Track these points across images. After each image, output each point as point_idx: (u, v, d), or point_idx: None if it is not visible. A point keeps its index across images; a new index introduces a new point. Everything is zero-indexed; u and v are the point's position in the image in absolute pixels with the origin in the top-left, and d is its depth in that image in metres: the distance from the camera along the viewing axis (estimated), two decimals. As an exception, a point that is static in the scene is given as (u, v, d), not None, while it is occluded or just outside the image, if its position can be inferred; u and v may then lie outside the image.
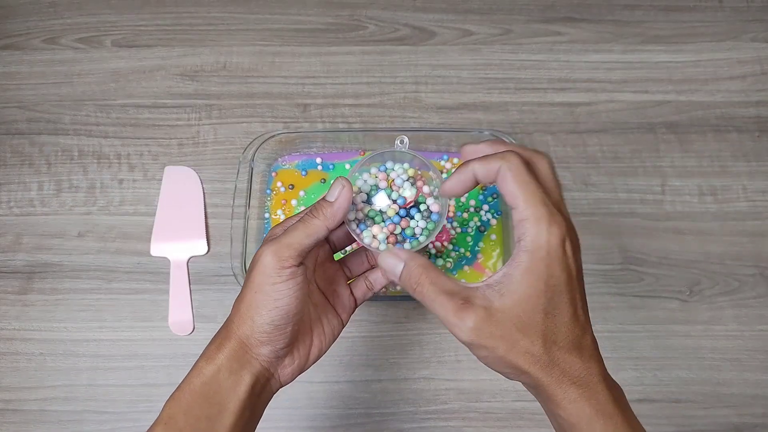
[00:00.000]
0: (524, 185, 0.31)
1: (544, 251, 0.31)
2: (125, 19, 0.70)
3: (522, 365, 0.31)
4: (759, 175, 0.64)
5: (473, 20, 0.70)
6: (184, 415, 0.33)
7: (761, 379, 0.57)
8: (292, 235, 0.35)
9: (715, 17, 0.71)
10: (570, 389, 0.31)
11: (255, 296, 0.34)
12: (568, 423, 0.31)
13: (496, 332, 0.31)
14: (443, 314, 0.32)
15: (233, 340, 0.35)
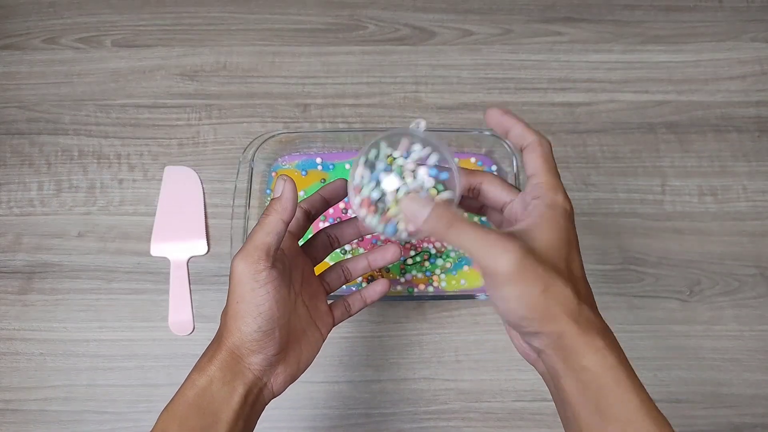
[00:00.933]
0: (549, 162, 0.35)
1: (562, 209, 0.33)
2: (125, 19, 0.70)
3: (555, 309, 0.31)
4: (759, 175, 0.64)
5: (473, 20, 0.70)
6: (179, 427, 0.33)
7: (761, 379, 0.57)
8: (255, 238, 0.36)
9: (715, 17, 0.71)
10: (596, 338, 0.31)
11: (238, 306, 0.35)
12: (592, 373, 0.31)
13: (538, 269, 0.31)
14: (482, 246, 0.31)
15: (224, 352, 0.35)
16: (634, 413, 0.30)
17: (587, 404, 0.31)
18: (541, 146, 0.35)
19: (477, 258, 0.32)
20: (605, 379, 0.31)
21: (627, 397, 0.30)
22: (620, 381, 0.31)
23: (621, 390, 0.31)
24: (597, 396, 0.31)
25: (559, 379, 0.32)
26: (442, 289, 0.59)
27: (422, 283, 0.59)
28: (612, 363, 0.31)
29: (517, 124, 0.36)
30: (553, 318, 0.31)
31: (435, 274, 0.59)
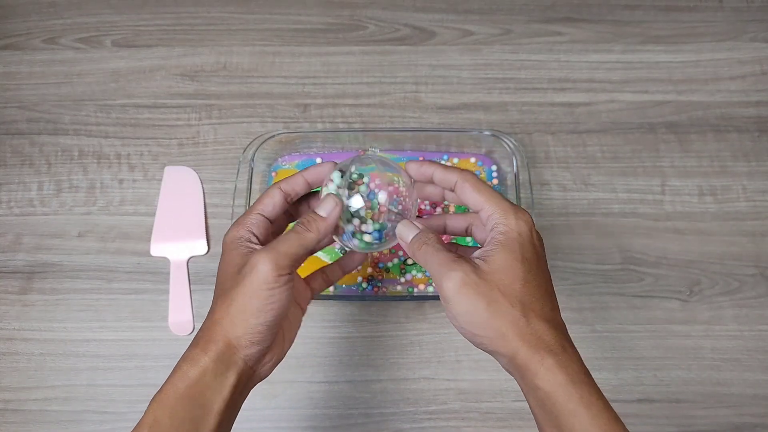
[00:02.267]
0: (483, 190, 0.37)
1: (516, 233, 0.36)
2: (125, 19, 0.70)
3: (501, 327, 0.33)
4: (759, 175, 0.64)
5: (473, 20, 0.70)
6: (169, 418, 0.33)
7: (761, 379, 0.57)
8: (289, 246, 0.37)
9: (715, 17, 0.71)
10: (546, 357, 0.33)
11: (251, 301, 0.35)
12: (544, 392, 0.33)
13: (481, 287, 0.34)
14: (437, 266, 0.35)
15: (221, 342, 0.35)
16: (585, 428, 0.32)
17: (547, 420, 0.34)
18: (467, 181, 0.38)
19: (433, 277, 0.36)
20: (556, 397, 0.32)
21: (578, 411, 0.32)
22: (570, 398, 0.32)
23: (572, 406, 0.32)
24: (552, 413, 0.33)
25: (526, 396, 0.35)
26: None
27: (422, 283, 0.59)
28: (561, 380, 0.32)
29: (437, 169, 0.40)
30: (502, 337, 0.33)
31: (435, 274, 0.59)
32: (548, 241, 0.38)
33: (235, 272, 0.37)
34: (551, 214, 0.62)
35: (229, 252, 0.38)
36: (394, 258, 0.59)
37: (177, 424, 0.33)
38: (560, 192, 0.63)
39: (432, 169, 0.40)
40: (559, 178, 0.64)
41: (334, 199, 0.39)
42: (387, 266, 0.59)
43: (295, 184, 0.42)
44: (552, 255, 0.61)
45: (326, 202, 0.39)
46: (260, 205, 0.41)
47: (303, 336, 0.59)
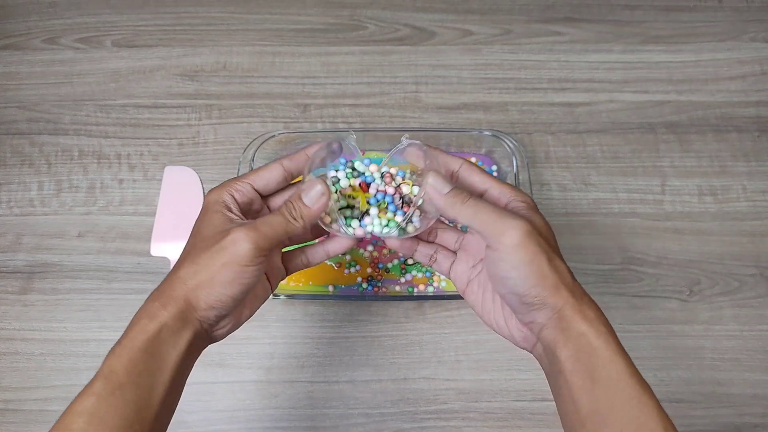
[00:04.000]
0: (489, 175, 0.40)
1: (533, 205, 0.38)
2: (125, 19, 0.70)
3: (556, 279, 0.35)
4: (759, 175, 0.64)
5: (473, 20, 0.70)
6: (126, 369, 0.33)
7: (761, 379, 0.57)
8: (273, 230, 0.36)
9: (715, 17, 0.71)
10: (588, 310, 0.35)
11: (221, 271, 0.35)
12: (587, 340, 0.34)
13: (540, 241, 0.35)
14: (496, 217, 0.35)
15: (180, 301, 0.35)
16: (620, 374, 0.33)
17: (580, 369, 0.34)
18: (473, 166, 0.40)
19: (490, 230, 0.35)
20: (597, 343, 0.34)
21: (615, 359, 0.34)
22: (609, 345, 0.34)
23: (610, 353, 0.34)
24: (589, 359, 0.34)
25: (555, 351, 0.35)
26: (442, 289, 0.59)
27: (422, 283, 0.59)
28: (603, 330, 0.34)
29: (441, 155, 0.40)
30: (557, 289, 0.35)
31: (435, 274, 0.59)
32: (548, 241, 0.37)
33: (211, 236, 0.36)
34: (551, 214, 0.62)
35: (209, 212, 0.38)
36: (394, 258, 0.59)
37: (133, 376, 0.33)
38: (560, 192, 0.63)
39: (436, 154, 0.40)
40: (559, 178, 0.64)
41: (321, 189, 0.38)
42: (387, 266, 0.59)
43: (299, 162, 0.41)
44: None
45: (313, 189, 0.38)
46: (255, 176, 0.40)
47: (303, 336, 0.59)
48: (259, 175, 0.40)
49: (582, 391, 0.34)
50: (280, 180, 0.41)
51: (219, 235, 0.36)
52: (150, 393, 0.34)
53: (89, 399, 0.33)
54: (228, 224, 0.37)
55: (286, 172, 0.41)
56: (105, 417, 0.33)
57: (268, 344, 0.59)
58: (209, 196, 0.39)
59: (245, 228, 0.36)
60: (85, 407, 0.33)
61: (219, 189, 0.39)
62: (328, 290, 0.59)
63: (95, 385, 0.34)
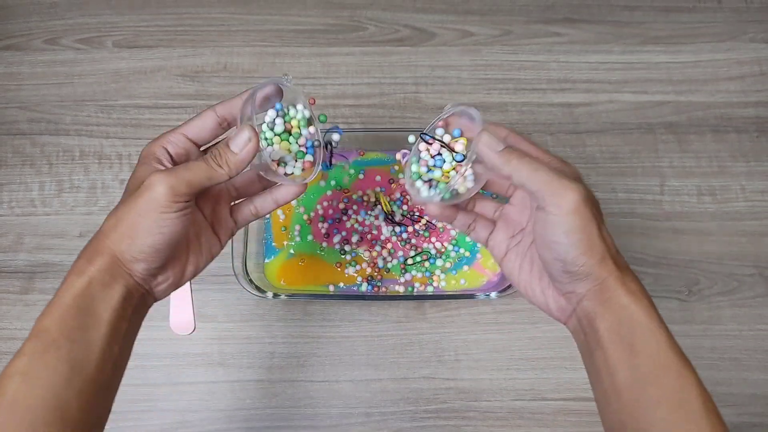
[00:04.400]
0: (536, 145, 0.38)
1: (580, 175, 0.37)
2: (126, 19, 0.71)
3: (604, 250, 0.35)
4: (757, 176, 0.64)
5: (473, 21, 0.71)
6: (58, 326, 0.33)
7: (760, 378, 0.57)
8: (192, 174, 0.35)
9: (714, 18, 0.71)
10: (631, 283, 0.35)
11: (139, 219, 0.34)
12: (629, 312, 0.34)
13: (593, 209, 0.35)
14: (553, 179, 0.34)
15: (106, 255, 0.35)
16: (661, 346, 0.33)
17: (620, 341, 0.34)
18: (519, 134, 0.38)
19: (546, 189, 0.34)
20: (639, 316, 0.34)
21: (656, 331, 0.34)
22: (652, 318, 0.34)
23: (652, 325, 0.34)
24: (630, 331, 0.34)
25: (594, 322, 0.35)
26: (442, 289, 0.59)
27: (422, 283, 0.59)
28: (645, 303, 0.34)
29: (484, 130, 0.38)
30: (603, 260, 0.35)
31: (435, 274, 0.59)
32: (547, 241, 0.37)
33: (133, 189, 0.35)
34: (551, 214, 0.62)
35: (139, 166, 0.37)
36: (395, 258, 0.60)
37: (66, 332, 0.33)
38: (560, 192, 0.63)
39: None
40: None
41: (248, 134, 0.36)
42: (387, 266, 0.59)
43: (233, 109, 0.39)
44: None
45: (240, 136, 0.36)
46: (187, 126, 0.38)
47: (303, 335, 0.59)
48: (191, 124, 0.38)
49: (620, 362, 0.34)
50: (214, 128, 0.39)
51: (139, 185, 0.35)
52: (86, 349, 0.33)
53: (21, 360, 0.33)
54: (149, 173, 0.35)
55: (219, 118, 0.39)
56: (40, 375, 0.32)
57: (269, 344, 0.59)
58: (142, 152, 0.38)
59: (162, 172, 0.34)
60: (18, 368, 0.32)
61: (152, 143, 0.38)
62: (329, 290, 0.59)
63: (27, 346, 0.33)
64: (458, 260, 0.60)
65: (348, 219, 0.61)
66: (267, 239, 0.61)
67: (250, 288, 0.55)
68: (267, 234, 0.61)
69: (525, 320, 0.59)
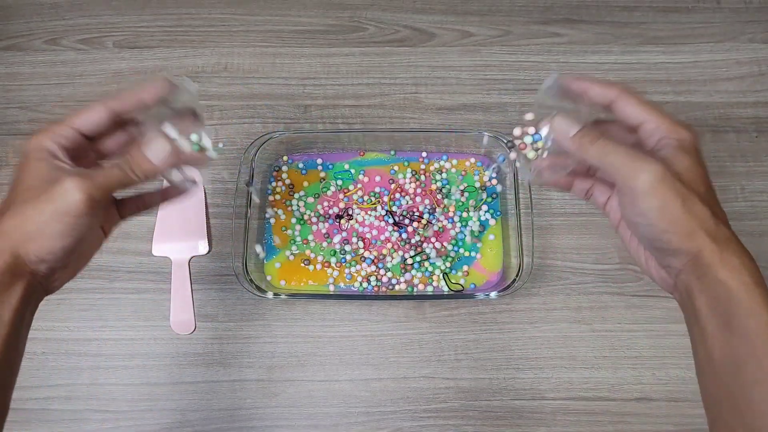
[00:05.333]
0: (649, 104, 0.37)
1: (690, 142, 0.35)
2: (126, 20, 0.71)
3: (693, 223, 0.33)
4: (757, 176, 0.64)
5: (472, 22, 0.71)
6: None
7: (759, 378, 0.57)
8: (109, 182, 0.35)
9: (714, 18, 0.71)
10: (732, 257, 0.33)
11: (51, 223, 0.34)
12: (726, 288, 0.32)
13: (676, 184, 0.33)
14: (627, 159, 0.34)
15: (7, 255, 0.34)
16: (762, 327, 0.31)
17: (716, 318, 0.33)
18: (630, 94, 0.37)
19: (619, 173, 0.34)
20: (737, 293, 0.32)
21: (758, 311, 0.32)
22: (753, 297, 0.32)
23: (752, 304, 0.32)
24: (727, 309, 0.32)
25: (692, 298, 0.34)
26: (441, 289, 0.59)
27: (422, 283, 0.59)
28: (746, 281, 0.32)
29: (593, 85, 0.38)
30: (692, 234, 0.33)
31: (434, 273, 0.59)
32: (548, 241, 0.38)
33: (37, 185, 0.34)
34: (550, 214, 0.63)
35: (32, 161, 0.35)
36: (395, 258, 0.60)
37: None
38: (559, 192, 0.63)
39: (587, 84, 0.38)
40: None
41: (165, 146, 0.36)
42: (387, 266, 0.60)
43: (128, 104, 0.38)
44: (551, 255, 0.61)
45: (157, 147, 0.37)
46: (76, 118, 0.37)
47: (303, 335, 0.59)
48: (79, 117, 0.37)
49: (716, 340, 0.33)
50: (105, 122, 0.38)
51: (47, 185, 0.34)
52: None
53: None
54: (56, 172, 0.35)
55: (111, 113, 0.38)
56: None
57: (269, 343, 0.59)
58: (29, 144, 0.36)
59: (78, 177, 0.34)
60: None
61: (39, 135, 0.36)
62: (329, 290, 0.59)
63: None
64: (458, 260, 0.60)
65: (348, 219, 0.61)
66: (267, 239, 0.61)
67: (250, 288, 0.55)
68: (267, 234, 0.61)
69: (524, 320, 0.59)
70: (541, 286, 0.60)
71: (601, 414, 0.57)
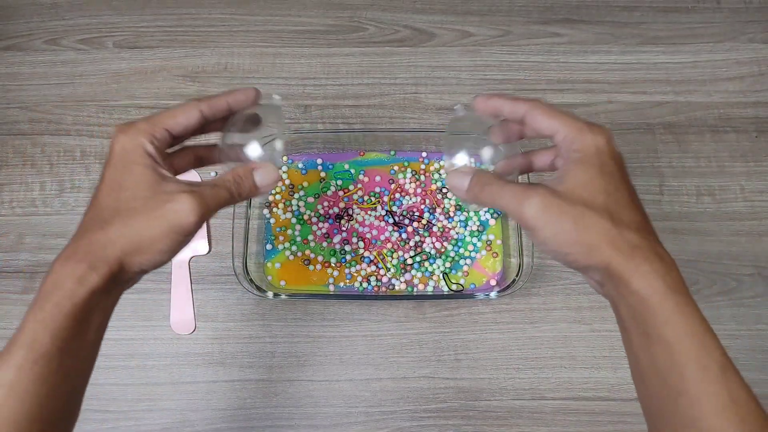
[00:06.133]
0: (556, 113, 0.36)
1: (593, 147, 0.35)
2: (126, 20, 0.71)
3: (593, 240, 0.33)
4: (756, 176, 0.64)
5: (472, 22, 0.71)
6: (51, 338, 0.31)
7: (759, 378, 0.57)
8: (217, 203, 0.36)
9: (713, 18, 0.71)
10: (642, 264, 0.32)
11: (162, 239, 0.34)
12: (639, 297, 0.32)
13: (563, 207, 0.33)
14: (511, 198, 0.34)
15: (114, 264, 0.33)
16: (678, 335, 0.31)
17: (637, 327, 0.33)
18: (537, 107, 0.37)
19: (510, 212, 0.35)
20: (652, 302, 0.32)
21: (672, 318, 0.31)
22: (665, 304, 0.31)
23: (666, 312, 0.31)
24: (643, 318, 0.32)
25: (617, 308, 0.34)
26: (441, 289, 0.59)
27: (422, 283, 0.59)
28: (659, 287, 0.31)
29: (505, 102, 0.38)
30: (595, 249, 0.33)
31: (434, 273, 0.60)
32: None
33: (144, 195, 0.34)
34: (550, 214, 0.62)
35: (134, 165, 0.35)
36: (395, 258, 0.60)
37: (58, 343, 0.31)
38: (559, 192, 0.63)
39: (500, 102, 0.38)
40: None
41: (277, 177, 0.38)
42: (387, 266, 0.60)
43: (218, 110, 0.39)
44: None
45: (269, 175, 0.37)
46: (171, 119, 0.37)
47: (303, 335, 0.59)
48: (177, 121, 0.37)
49: (640, 350, 0.33)
50: (195, 124, 0.38)
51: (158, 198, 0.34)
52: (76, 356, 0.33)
53: (8, 371, 0.31)
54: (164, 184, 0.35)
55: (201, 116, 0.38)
56: (27, 388, 0.31)
57: (269, 343, 0.59)
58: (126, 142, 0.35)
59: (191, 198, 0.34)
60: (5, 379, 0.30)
61: (134, 133, 0.35)
62: (329, 290, 0.59)
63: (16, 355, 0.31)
64: (458, 260, 0.60)
65: (348, 219, 0.61)
66: (267, 239, 0.61)
67: (250, 288, 0.55)
68: (267, 234, 0.61)
69: (524, 320, 0.59)
70: (541, 286, 0.60)
71: (601, 414, 0.57)
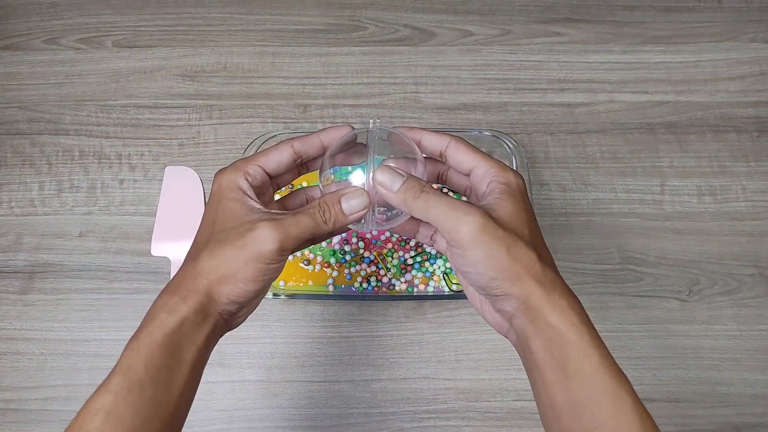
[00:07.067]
0: (477, 150, 0.38)
1: (516, 185, 0.36)
2: (126, 19, 0.71)
3: (519, 270, 0.33)
4: (758, 176, 0.64)
5: (473, 21, 0.71)
6: (144, 365, 0.32)
7: (760, 378, 0.57)
8: (300, 231, 0.35)
9: (714, 18, 0.71)
10: (560, 299, 0.33)
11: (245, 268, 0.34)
12: (557, 331, 0.33)
13: (499, 232, 0.33)
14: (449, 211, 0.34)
15: (202, 295, 0.34)
16: (595, 368, 0.32)
17: (552, 361, 0.33)
18: (460, 142, 0.38)
19: (443, 225, 0.34)
20: (569, 336, 0.33)
21: (589, 352, 0.32)
22: (582, 338, 0.33)
23: (583, 346, 0.32)
24: (561, 352, 0.33)
25: (527, 341, 0.34)
26: (441, 289, 0.59)
27: (422, 283, 0.59)
28: (575, 321, 0.33)
29: (425, 134, 0.39)
30: (519, 279, 0.33)
31: (434, 274, 0.59)
32: (548, 241, 0.38)
33: (232, 227, 0.35)
34: (551, 214, 0.62)
35: (225, 200, 0.37)
36: (395, 258, 0.60)
37: (151, 371, 0.32)
38: (560, 192, 0.63)
39: (420, 134, 0.39)
40: (558, 179, 0.64)
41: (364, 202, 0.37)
42: (387, 266, 0.59)
43: (310, 147, 0.40)
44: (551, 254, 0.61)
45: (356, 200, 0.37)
46: (265, 158, 0.38)
47: (303, 336, 0.59)
48: (269, 158, 0.39)
49: (555, 384, 0.33)
50: (289, 163, 0.39)
51: (242, 228, 0.35)
52: (168, 388, 0.33)
53: (106, 396, 0.32)
54: (250, 214, 0.36)
55: (296, 155, 0.39)
56: (123, 415, 0.31)
57: (269, 344, 0.59)
58: (222, 180, 0.37)
59: (271, 226, 0.34)
60: (102, 405, 0.32)
61: (231, 172, 0.37)
62: (329, 290, 0.59)
63: (112, 382, 0.32)
64: (458, 260, 0.60)
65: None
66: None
67: (249, 288, 0.55)
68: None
69: (525, 320, 0.59)
70: (541, 287, 0.60)
71: (602, 415, 0.57)
